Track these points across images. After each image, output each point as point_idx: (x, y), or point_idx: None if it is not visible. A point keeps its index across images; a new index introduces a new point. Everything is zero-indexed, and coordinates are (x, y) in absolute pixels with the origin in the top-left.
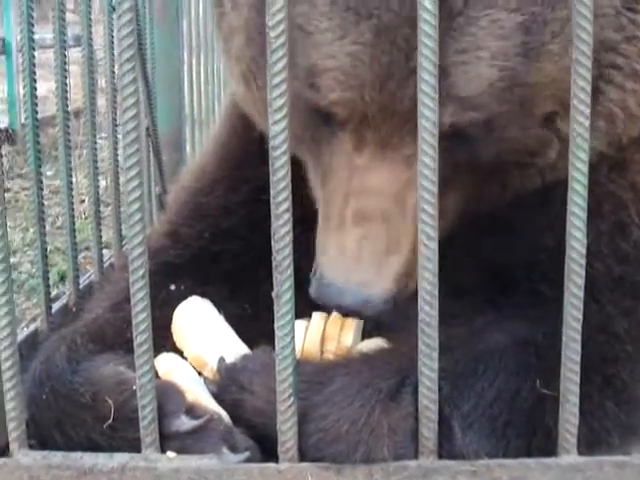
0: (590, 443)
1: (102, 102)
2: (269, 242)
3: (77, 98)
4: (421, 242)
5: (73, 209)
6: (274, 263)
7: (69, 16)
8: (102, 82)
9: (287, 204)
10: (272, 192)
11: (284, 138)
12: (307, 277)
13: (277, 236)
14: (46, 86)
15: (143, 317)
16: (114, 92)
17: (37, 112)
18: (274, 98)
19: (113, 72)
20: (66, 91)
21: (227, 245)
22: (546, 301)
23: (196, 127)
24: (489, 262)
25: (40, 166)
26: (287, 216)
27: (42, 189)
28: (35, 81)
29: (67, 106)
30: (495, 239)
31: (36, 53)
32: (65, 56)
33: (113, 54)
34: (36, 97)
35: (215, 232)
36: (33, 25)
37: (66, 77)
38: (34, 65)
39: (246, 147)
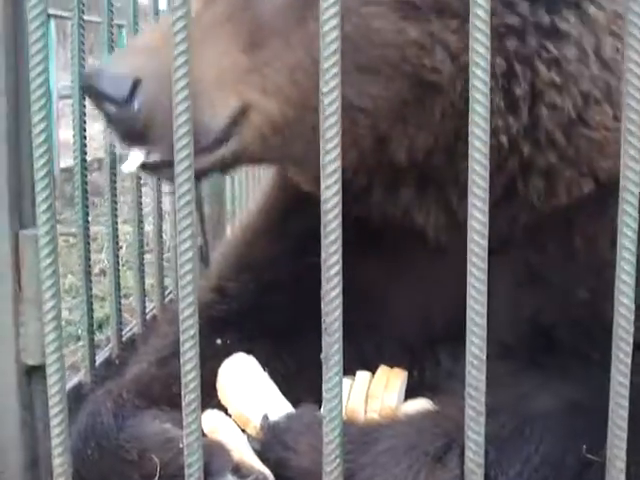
0: None
1: None
2: (313, 295)
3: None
4: (469, 306)
5: (118, 260)
6: (323, 325)
7: None
8: None
9: (338, 267)
10: (323, 255)
11: (336, 202)
12: (350, 334)
13: (327, 299)
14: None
15: (192, 376)
16: None
17: (86, 160)
18: (327, 163)
19: None
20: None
21: (271, 298)
22: (591, 363)
23: (236, 178)
24: (532, 320)
25: (88, 214)
26: (337, 279)
27: (89, 239)
28: (85, 129)
29: (114, 152)
30: (535, 294)
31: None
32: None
33: None
34: (85, 145)
35: (259, 285)
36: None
37: None
38: (84, 112)
39: (290, 200)
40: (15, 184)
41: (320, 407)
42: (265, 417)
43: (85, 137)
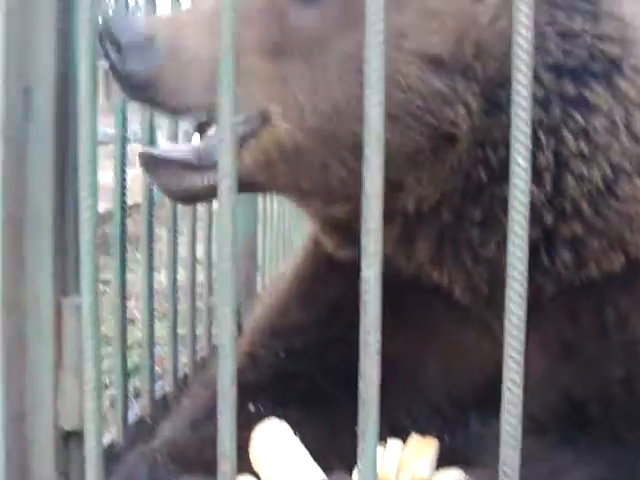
0: None
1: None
2: (343, 362)
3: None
4: (505, 387)
5: (153, 321)
6: (360, 401)
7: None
8: None
9: (378, 345)
10: (362, 333)
11: (376, 283)
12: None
13: (365, 375)
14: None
15: (228, 446)
16: None
17: (125, 209)
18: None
19: None
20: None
21: (302, 365)
22: (624, 443)
23: (268, 234)
24: (564, 394)
25: (125, 264)
26: (377, 358)
27: (125, 291)
28: (125, 179)
29: (152, 197)
30: (568, 368)
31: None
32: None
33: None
34: (125, 194)
35: (290, 352)
36: (126, 118)
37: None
38: (125, 158)
39: (320, 267)
40: (59, 251)
41: (351, 474)
42: None
43: (125, 186)
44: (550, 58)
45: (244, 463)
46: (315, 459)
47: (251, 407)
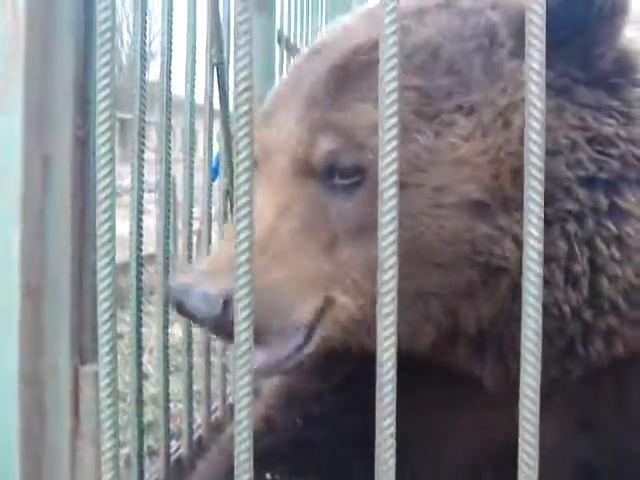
0: None
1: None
2: (360, 428)
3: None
4: (521, 461)
5: (168, 377)
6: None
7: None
8: (179, 224)
9: (391, 419)
10: (377, 407)
11: (391, 360)
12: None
13: (380, 460)
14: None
15: None
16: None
17: (142, 264)
18: (384, 316)
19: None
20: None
21: (319, 432)
22: None
23: None
24: (582, 467)
25: (141, 318)
26: (392, 430)
27: (141, 347)
28: (141, 227)
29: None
30: (586, 442)
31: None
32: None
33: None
34: (142, 243)
35: (307, 419)
36: (143, 167)
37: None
38: (142, 207)
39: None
40: (77, 318)
41: None
42: None
43: (142, 239)
44: (583, 172)
45: None
46: None
47: (268, 476)
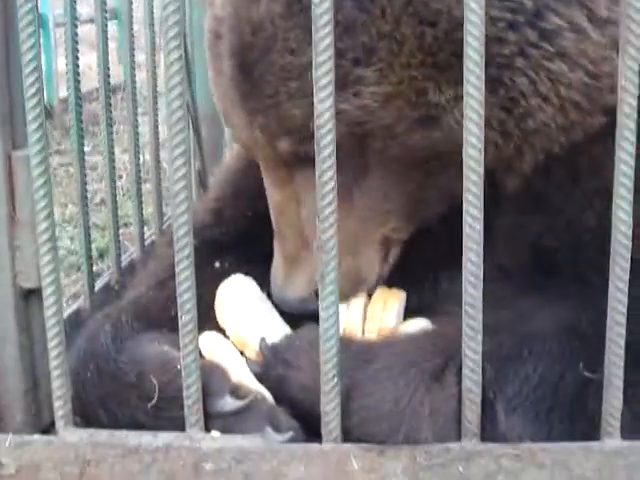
0: (632, 431)
1: (139, 76)
2: None
3: (115, 74)
4: (465, 223)
5: (115, 186)
6: (318, 243)
7: None
8: (139, 57)
9: (332, 183)
10: (317, 172)
11: (330, 128)
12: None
13: (322, 216)
14: (82, 61)
15: (188, 296)
16: (154, 66)
17: (80, 89)
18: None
19: (153, 46)
20: (108, 67)
21: (267, 227)
22: (591, 286)
23: None
24: (533, 244)
25: (83, 143)
26: (332, 196)
27: (85, 167)
28: (78, 57)
29: (109, 82)
30: (538, 220)
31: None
32: (106, 30)
33: (153, 28)
34: (79, 73)
35: (256, 213)
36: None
37: (107, 52)
38: (77, 40)
39: None
40: (7, 105)
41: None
42: (262, 339)
43: (78, 65)
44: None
45: (210, 321)
46: (282, 317)
47: (217, 264)
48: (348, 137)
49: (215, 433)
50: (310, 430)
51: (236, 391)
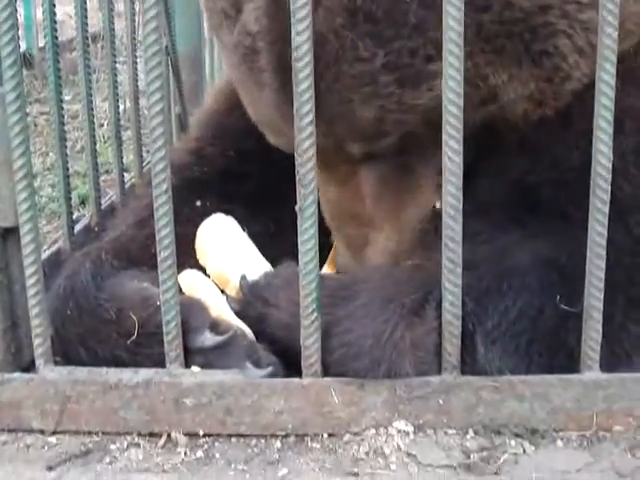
0: (611, 364)
1: (119, 25)
2: (291, 161)
3: (93, 23)
4: (445, 154)
5: (94, 132)
6: (297, 177)
7: None
8: (119, 6)
9: (311, 116)
10: (295, 104)
11: (307, 48)
12: None
13: (300, 149)
14: (62, 10)
15: (166, 232)
16: (132, 15)
17: (57, 37)
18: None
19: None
20: (86, 15)
21: (250, 166)
22: (572, 222)
23: (215, 47)
24: (516, 181)
25: (61, 91)
26: (310, 129)
27: (63, 114)
28: (54, 5)
29: (87, 30)
30: (522, 159)
31: None
32: None
33: None
34: (55, 22)
35: (238, 153)
36: None
37: (85, 1)
38: None
39: None
40: None
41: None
42: (243, 277)
43: (55, 13)
44: None
45: (190, 258)
46: (263, 255)
47: (198, 203)
48: (423, 126)
49: (195, 368)
50: (290, 369)
51: (216, 327)
